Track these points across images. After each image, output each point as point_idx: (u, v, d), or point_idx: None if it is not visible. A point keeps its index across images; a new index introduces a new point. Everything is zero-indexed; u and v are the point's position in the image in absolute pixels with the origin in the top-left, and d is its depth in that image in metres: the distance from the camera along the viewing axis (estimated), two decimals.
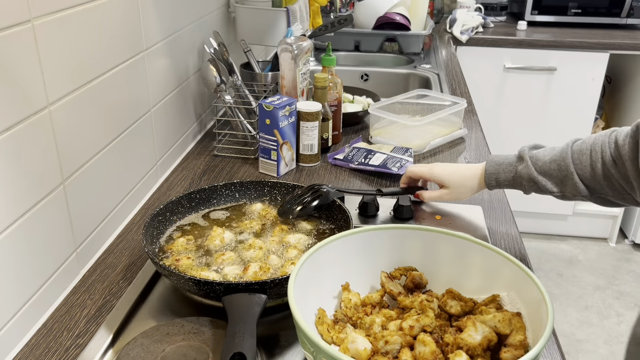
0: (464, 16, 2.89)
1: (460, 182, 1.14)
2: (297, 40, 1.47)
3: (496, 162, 1.10)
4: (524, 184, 1.06)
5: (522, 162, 1.05)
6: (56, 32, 0.90)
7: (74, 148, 0.98)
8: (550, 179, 1.03)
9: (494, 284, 0.82)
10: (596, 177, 0.97)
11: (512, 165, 1.07)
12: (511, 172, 1.07)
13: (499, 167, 1.09)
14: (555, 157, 1.01)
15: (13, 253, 0.84)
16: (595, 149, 0.97)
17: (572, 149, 1.00)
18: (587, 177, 0.98)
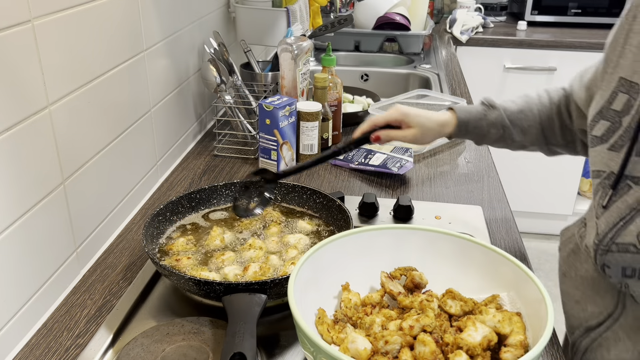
0: (464, 16, 2.89)
1: (427, 124, 1.08)
2: (297, 40, 1.47)
3: (466, 110, 1.09)
4: (492, 131, 1.08)
5: (494, 110, 1.07)
6: (56, 32, 0.90)
7: (74, 148, 0.98)
8: (515, 128, 1.07)
9: (494, 283, 0.82)
10: (554, 127, 1.07)
11: (482, 113, 1.08)
12: (482, 119, 1.08)
13: (469, 115, 1.08)
14: (522, 108, 1.07)
15: (13, 253, 0.84)
16: (554, 102, 1.07)
17: (537, 102, 1.08)
18: (547, 127, 1.07)
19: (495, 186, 1.35)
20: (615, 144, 0.82)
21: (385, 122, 1.09)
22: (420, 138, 1.09)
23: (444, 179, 1.38)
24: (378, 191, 1.32)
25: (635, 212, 0.79)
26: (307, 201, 1.13)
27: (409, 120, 1.07)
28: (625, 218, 0.80)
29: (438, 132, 1.09)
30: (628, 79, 0.82)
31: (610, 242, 0.81)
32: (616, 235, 0.80)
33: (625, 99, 0.82)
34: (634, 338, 0.85)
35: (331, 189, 1.32)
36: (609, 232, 0.81)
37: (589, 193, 3.18)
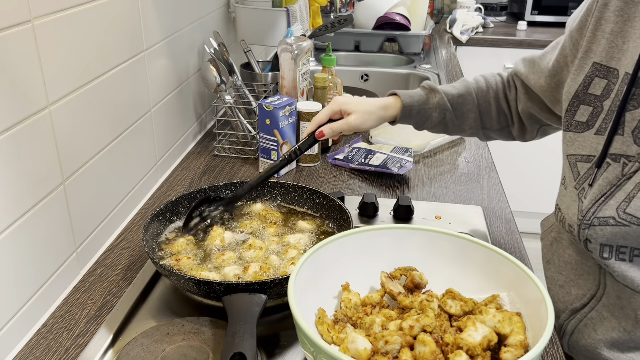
0: (464, 16, 2.89)
1: (367, 109, 1.08)
2: (297, 40, 1.47)
3: (409, 95, 1.09)
4: (434, 115, 1.09)
5: (436, 94, 1.09)
6: (56, 32, 0.90)
7: (74, 148, 0.98)
8: (456, 112, 1.10)
9: (494, 283, 0.82)
10: (491, 111, 1.11)
11: (425, 97, 1.09)
12: (425, 103, 1.09)
13: (412, 99, 1.08)
14: (462, 92, 1.11)
15: (13, 253, 0.84)
16: (492, 86, 1.11)
17: (475, 87, 1.12)
18: (484, 111, 1.11)
19: (495, 186, 1.35)
20: (600, 127, 0.88)
21: (327, 117, 1.08)
22: (361, 123, 1.07)
23: (444, 179, 1.38)
24: (378, 191, 1.32)
25: (615, 187, 0.85)
26: (307, 201, 1.13)
27: (347, 108, 1.07)
28: (606, 194, 0.85)
29: (380, 117, 1.09)
30: (605, 64, 0.88)
31: (592, 216, 0.86)
32: (598, 210, 0.86)
33: (604, 84, 0.88)
34: (617, 315, 0.89)
35: (331, 189, 1.32)
36: (592, 207, 0.87)
37: None
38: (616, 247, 0.85)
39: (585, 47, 0.91)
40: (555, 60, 0.98)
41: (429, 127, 1.12)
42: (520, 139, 1.14)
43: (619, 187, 0.84)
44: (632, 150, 0.83)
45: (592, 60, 0.90)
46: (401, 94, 1.10)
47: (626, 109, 0.84)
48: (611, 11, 0.88)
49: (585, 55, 0.91)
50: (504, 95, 1.11)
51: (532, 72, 1.04)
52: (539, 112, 1.06)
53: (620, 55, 0.86)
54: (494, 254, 0.82)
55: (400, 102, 1.08)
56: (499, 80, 1.12)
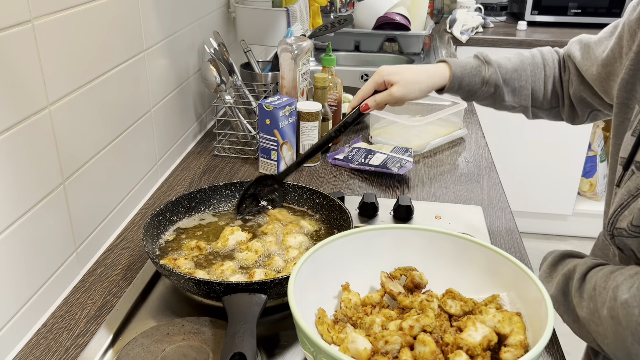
0: (464, 16, 2.89)
1: (412, 77, 1.03)
2: (297, 40, 1.47)
3: (461, 65, 1.05)
4: (484, 89, 1.05)
5: (489, 67, 1.04)
6: (56, 32, 0.90)
7: (74, 148, 0.98)
8: (507, 87, 1.05)
9: (493, 283, 0.82)
10: (546, 91, 1.06)
11: (477, 69, 1.04)
12: (476, 75, 1.04)
13: (464, 70, 1.04)
14: (516, 67, 1.05)
15: (13, 253, 0.84)
16: (548, 64, 1.06)
17: (531, 62, 1.06)
18: (537, 89, 1.05)
19: (495, 186, 1.35)
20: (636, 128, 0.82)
21: (372, 90, 1.05)
22: (405, 93, 1.03)
23: (444, 179, 1.38)
24: (378, 191, 1.32)
25: (632, 198, 0.79)
26: (307, 201, 1.13)
27: (390, 78, 1.03)
28: (623, 204, 0.80)
29: (427, 86, 1.04)
30: None
31: (612, 227, 0.82)
32: (616, 221, 0.81)
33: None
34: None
35: (331, 189, 1.32)
36: (612, 218, 0.82)
37: (589, 193, 3.18)
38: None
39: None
40: (611, 50, 0.91)
41: (477, 101, 1.08)
42: (569, 122, 1.08)
43: (636, 197, 0.79)
44: None
45: None
46: (452, 62, 1.04)
47: None
48: None
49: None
50: (559, 75, 1.05)
51: (586, 58, 0.98)
52: (591, 97, 1.00)
53: None
54: (494, 254, 0.82)
55: (450, 72, 1.03)
56: (556, 58, 1.06)
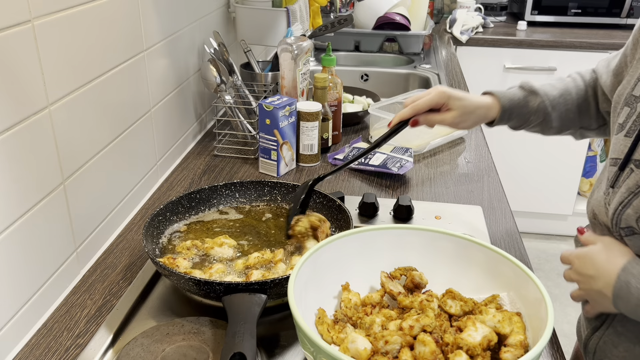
0: (464, 16, 2.89)
1: (469, 108, 1.03)
2: (297, 40, 1.47)
3: (509, 97, 1.04)
4: (532, 119, 1.04)
5: (536, 97, 1.04)
6: (56, 32, 0.90)
7: (74, 148, 0.98)
8: (555, 113, 1.04)
9: (493, 283, 0.82)
10: (590, 110, 1.04)
11: (524, 100, 1.04)
12: (524, 107, 1.04)
13: (512, 102, 1.03)
14: (562, 92, 1.05)
15: (13, 253, 0.84)
16: (590, 85, 1.04)
17: (573, 85, 1.05)
18: (583, 110, 1.05)
19: (495, 186, 1.35)
20: (630, 129, 0.83)
21: (427, 107, 1.02)
22: (460, 122, 1.03)
23: (444, 179, 1.38)
24: (378, 191, 1.32)
25: (633, 195, 0.80)
26: None
27: (450, 103, 1.02)
28: (623, 202, 0.81)
29: (480, 119, 1.04)
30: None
31: (617, 227, 0.83)
32: (619, 220, 0.82)
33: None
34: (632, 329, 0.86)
35: (331, 189, 1.32)
36: (613, 218, 0.83)
37: (589, 193, 3.18)
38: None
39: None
40: (619, 60, 0.94)
41: (526, 129, 1.08)
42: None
43: (637, 195, 0.80)
44: None
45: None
46: (500, 95, 1.04)
47: None
48: None
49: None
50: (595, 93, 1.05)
51: (605, 73, 0.99)
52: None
53: None
54: (494, 254, 0.82)
55: (499, 106, 1.03)
56: (594, 77, 1.06)
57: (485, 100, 1.05)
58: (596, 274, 0.82)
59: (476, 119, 1.04)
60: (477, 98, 1.05)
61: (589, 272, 0.83)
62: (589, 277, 0.83)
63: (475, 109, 1.03)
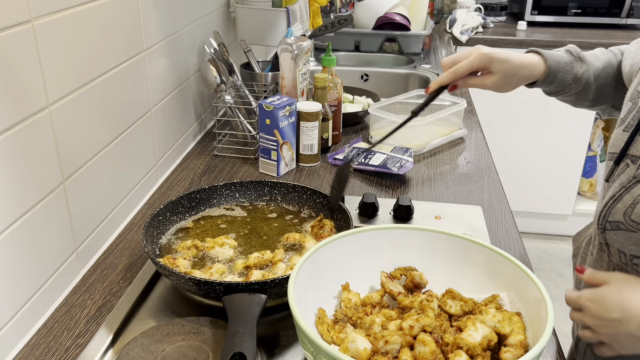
0: (464, 16, 2.89)
1: (511, 70, 0.98)
2: (297, 40, 1.47)
3: (555, 59, 1.00)
4: (573, 86, 1.00)
5: (582, 64, 1.01)
6: (56, 32, 0.90)
7: (74, 148, 0.98)
8: (595, 84, 1.01)
9: (493, 283, 0.82)
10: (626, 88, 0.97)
11: (570, 65, 1.00)
12: (569, 72, 1.00)
13: (559, 65, 0.99)
14: (605, 65, 1.01)
15: (13, 253, 0.84)
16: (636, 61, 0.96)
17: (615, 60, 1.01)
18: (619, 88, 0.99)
19: (495, 186, 1.35)
20: (629, 124, 0.83)
21: (468, 71, 0.97)
22: (499, 87, 0.99)
23: (444, 179, 1.38)
24: (378, 191, 1.32)
25: (625, 189, 0.79)
26: (307, 201, 1.13)
27: (492, 66, 0.97)
28: (615, 196, 0.80)
29: (522, 79, 0.99)
30: None
31: (604, 220, 0.81)
32: (608, 213, 0.81)
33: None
34: None
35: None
36: (603, 210, 0.82)
37: (589, 193, 3.18)
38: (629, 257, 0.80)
39: None
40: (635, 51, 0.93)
41: (562, 97, 1.04)
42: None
43: (628, 189, 0.79)
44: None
45: None
46: (547, 55, 1.00)
47: None
48: None
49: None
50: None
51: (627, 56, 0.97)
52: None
53: None
54: (494, 254, 0.82)
55: (545, 66, 0.98)
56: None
57: (530, 59, 0.99)
58: (623, 316, 0.75)
59: (518, 81, 0.99)
60: (521, 57, 0.99)
61: (612, 315, 0.76)
62: (615, 321, 0.76)
63: (518, 70, 0.98)
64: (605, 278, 0.81)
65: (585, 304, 0.79)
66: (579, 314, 0.81)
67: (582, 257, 0.99)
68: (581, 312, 0.81)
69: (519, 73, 0.98)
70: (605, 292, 0.78)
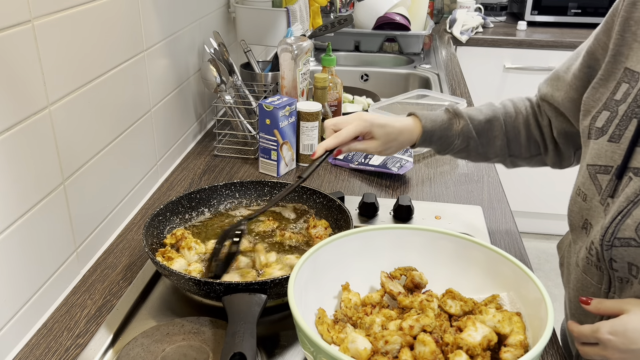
0: (464, 16, 2.89)
1: (391, 135, 1.01)
2: (297, 40, 1.47)
3: (432, 119, 1.03)
4: (457, 142, 1.04)
5: (460, 120, 1.04)
6: (56, 32, 0.90)
7: (74, 148, 0.98)
8: (481, 139, 1.04)
9: (493, 283, 0.82)
10: (520, 138, 1.04)
11: (448, 123, 1.03)
12: (447, 130, 1.03)
13: (434, 124, 1.03)
14: (489, 117, 1.04)
15: (13, 253, 0.84)
16: (521, 112, 1.04)
17: (502, 112, 1.05)
18: (512, 138, 1.04)
19: (495, 186, 1.35)
20: (614, 134, 0.81)
21: (353, 137, 1.00)
22: (384, 150, 1.03)
23: (444, 179, 1.38)
24: (378, 191, 1.32)
25: (632, 204, 0.77)
26: (307, 201, 1.13)
27: (373, 131, 1.01)
28: (622, 211, 0.78)
29: (403, 142, 1.03)
30: (632, 69, 0.81)
31: (612, 237, 0.79)
32: (617, 230, 0.78)
33: (625, 88, 0.81)
34: None
35: (331, 189, 1.32)
36: (609, 227, 0.79)
37: None
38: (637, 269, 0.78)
39: (614, 50, 0.84)
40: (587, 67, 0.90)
41: (452, 154, 1.07)
42: (557, 167, 1.07)
43: (637, 204, 0.77)
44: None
45: (623, 65, 0.83)
46: (422, 117, 1.04)
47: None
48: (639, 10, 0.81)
49: (614, 59, 0.84)
50: (535, 122, 1.04)
51: (558, 89, 0.97)
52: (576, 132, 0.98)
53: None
54: (494, 254, 0.82)
55: (421, 127, 1.03)
56: (528, 105, 1.06)
57: (408, 122, 1.04)
58: None
59: (400, 145, 1.04)
60: (400, 122, 1.03)
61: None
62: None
63: (399, 135, 1.02)
64: (620, 306, 0.78)
65: (605, 337, 0.75)
66: (597, 348, 0.77)
67: (566, 266, 0.98)
68: (600, 347, 0.77)
69: (399, 138, 1.02)
70: (627, 323, 0.75)
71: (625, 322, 0.75)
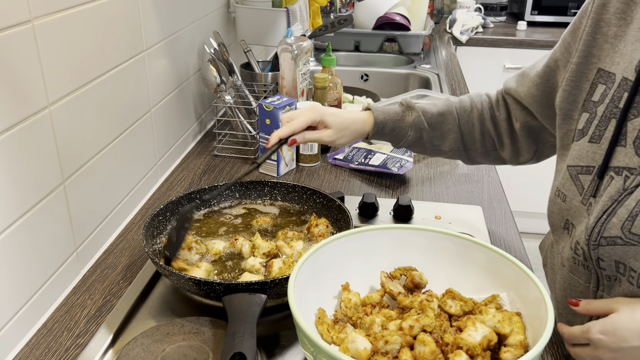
0: (464, 16, 2.89)
1: (344, 124, 1.04)
2: (297, 40, 1.47)
3: (384, 111, 1.06)
4: (410, 134, 1.06)
5: (412, 112, 1.06)
6: (56, 32, 0.90)
7: (74, 148, 0.98)
8: (434, 132, 1.06)
9: (493, 283, 0.82)
10: (474, 132, 1.06)
11: (399, 115, 1.06)
12: (399, 121, 1.06)
13: (387, 116, 1.06)
14: (442, 111, 1.06)
15: (13, 253, 0.84)
16: (476, 106, 1.06)
17: (458, 106, 1.06)
18: (466, 132, 1.06)
19: (495, 186, 1.35)
20: (594, 134, 0.83)
21: (305, 126, 1.02)
22: (335, 140, 1.04)
23: (444, 179, 1.38)
24: (378, 191, 1.32)
25: (617, 203, 0.78)
26: (307, 201, 1.13)
27: (325, 120, 1.03)
28: (607, 210, 0.78)
29: (353, 132, 1.06)
30: (606, 69, 0.83)
31: (599, 236, 0.79)
32: (602, 229, 0.79)
33: (602, 90, 0.83)
34: None
35: (331, 189, 1.32)
36: (595, 226, 0.80)
37: None
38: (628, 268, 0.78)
39: (585, 52, 0.85)
40: (546, 66, 0.93)
41: (406, 146, 1.08)
42: (514, 163, 1.09)
43: (620, 202, 0.77)
44: (634, 162, 0.77)
45: (596, 66, 0.84)
46: (375, 109, 1.07)
47: (627, 119, 0.78)
48: (611, 13, 0.83)
49: (585, 60, 0.85)
50: (490, 117, 1.06)
51: (522, 85, 0.99)
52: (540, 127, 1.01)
53: (619, 60, 0.81)
54: (494, 254, 0.82)
55: (374, 119, 1.06)
56: (486, 100, 1.07)
57: (361, 114, 1.07)
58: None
59: (353, 135, 1.06)
60: (353, 113, 1.07)
61: (632, 343, 0.73)
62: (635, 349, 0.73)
63: (351, 124, 1.05)
64: (609, 306, 0.78)
65: (596, 337, 0.75)
66: (589, 349, 0.77)
67: (550, 267, 0.98)
68: (591, 347, 0.77)
69: (351, 127, 1.05)
70: (617, 322, 0.75)
71: (615, 321, 0.75)
